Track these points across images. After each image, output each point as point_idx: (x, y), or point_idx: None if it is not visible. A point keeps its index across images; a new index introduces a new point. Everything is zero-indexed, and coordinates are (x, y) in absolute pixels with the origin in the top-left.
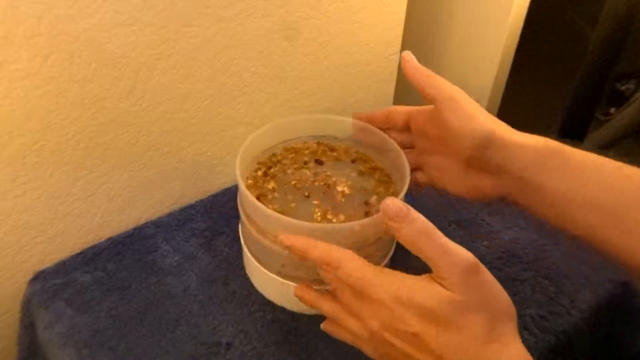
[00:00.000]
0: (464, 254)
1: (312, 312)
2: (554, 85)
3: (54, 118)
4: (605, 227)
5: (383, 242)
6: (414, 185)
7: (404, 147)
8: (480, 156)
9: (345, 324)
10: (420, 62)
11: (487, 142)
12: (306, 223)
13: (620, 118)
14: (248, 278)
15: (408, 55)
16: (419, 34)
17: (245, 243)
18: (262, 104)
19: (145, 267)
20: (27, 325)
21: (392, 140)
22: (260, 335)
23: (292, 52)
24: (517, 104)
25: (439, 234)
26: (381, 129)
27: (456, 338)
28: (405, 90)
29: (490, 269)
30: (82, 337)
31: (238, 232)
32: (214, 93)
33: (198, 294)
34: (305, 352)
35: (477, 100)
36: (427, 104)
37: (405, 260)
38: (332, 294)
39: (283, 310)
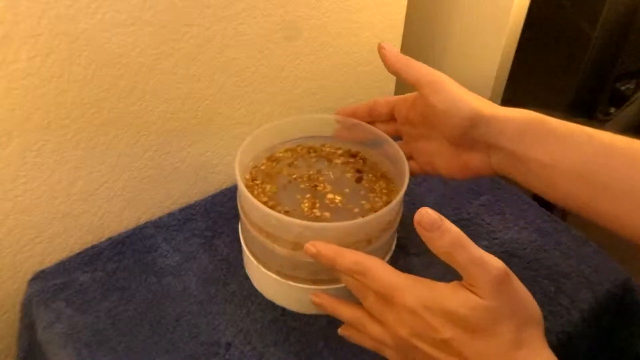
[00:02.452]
0: (496, 263)
1: (312, 312)
2: (554, 85)
3: (54, 118)
4: (585, 194)
5: (383, 241)
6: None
7: (390, 137)
8: (469, 135)
9: (367, 330)
10: (420, 62)
11: (474, 121)
12: (307, 222)
13: (620, 118)
14: (248, 278)
15: (386, 44)
16: (419, 34)
17: (245, 243)
18: (262, 104)
19: (145, 267)
20: (27, 325)
21: (386, 135)
22: (260, 335)
23: (292, 52)
24: (518, 103)
25: (471, 243)
26: (365, 122)
27: (487, 344)
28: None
29: None
30: (82, 337)
31: (238, 232)
32: (214, 93)
33: (198, 294)
34: (305, 352)
35: None
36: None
37: (404, 260)
38: (348, 300)
39: (283, 310)
